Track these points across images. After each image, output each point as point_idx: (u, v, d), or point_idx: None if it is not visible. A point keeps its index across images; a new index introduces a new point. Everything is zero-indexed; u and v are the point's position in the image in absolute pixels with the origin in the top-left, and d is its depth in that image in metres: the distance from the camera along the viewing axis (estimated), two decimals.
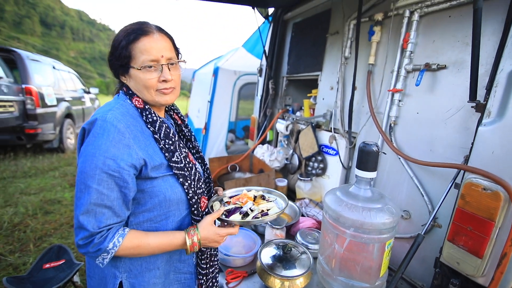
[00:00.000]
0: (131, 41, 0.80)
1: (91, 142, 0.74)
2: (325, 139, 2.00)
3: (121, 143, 0.75)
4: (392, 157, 1.50)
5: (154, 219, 0.86)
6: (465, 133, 1.17)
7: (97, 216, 0.73)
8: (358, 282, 1.12)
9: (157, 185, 0.83)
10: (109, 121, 0.75)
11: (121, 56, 0.81)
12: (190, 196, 0.89)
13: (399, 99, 1.44)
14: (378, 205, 1.07)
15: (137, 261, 0.86)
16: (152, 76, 0.82)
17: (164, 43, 0.84)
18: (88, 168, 0.72)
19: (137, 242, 0.79)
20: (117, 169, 0.74)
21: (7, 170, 4.47)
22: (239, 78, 4.63)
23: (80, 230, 0.73)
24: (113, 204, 0.75)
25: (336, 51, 1.94)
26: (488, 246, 0.94)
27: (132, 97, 0.86)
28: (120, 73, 0.87)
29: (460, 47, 1.21)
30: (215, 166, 2.38)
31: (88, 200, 0.72)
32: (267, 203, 1.07)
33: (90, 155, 0.73)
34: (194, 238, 0.86)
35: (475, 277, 0.99)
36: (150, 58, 0.80)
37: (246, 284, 1.25)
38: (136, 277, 0.87)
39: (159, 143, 0.84)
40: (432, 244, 1.29)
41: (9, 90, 4.51)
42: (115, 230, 0.77)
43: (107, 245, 0.74)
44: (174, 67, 0.87)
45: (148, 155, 0.80)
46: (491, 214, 0.93)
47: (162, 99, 0.86)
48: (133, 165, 0.77)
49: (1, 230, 2.81)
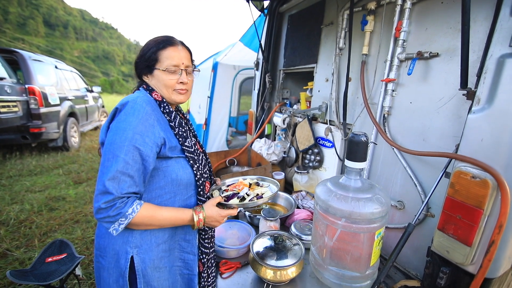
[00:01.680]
0: (160, 48, 0.99)
1: (122, 119, 0.88)
2: (321, 132, 2.00)
3: (147, 122, 0.89)
4: (386, 148, 1.49)
5: (164, 196, 0.98)
6: (458, 121, 1.16)
7: (120, 183, 0.84)
8: (349, 271, 1.13)
9: (171, 165, 0.97)
10: (139, 103, 0.90)
11: (150, 59, 1.00)
12: (198, 177, 1.03)
13: (393, 89, 1.42)
14: (367, 195, 1.07)
15: (147, 236, 0.97)
16: (173, 77, 1.01)
17: (185, 54, 1.04)
18: (119, 140, 0.85)
19: (152, 212, 0.90)
20: (143, 143, 0.87)
21: (13, 169, 4.57)
22: (239, 72, 4.62)
23: (105, 195, 0.82)
24: (135, 174, 0.86)
25: (331, 42, 1.92)
26: (477, 234, 0.94)
27: (152, 92, 1.02)
28: (144, 73, 1.04)
29: (452, 34, 1.18)
30: (213, 161, 2.39)
31: (116, 167, 0.83)
32: (261, 188, 1.22)
33: (121, 129, 0.86)
34: (200, 215, 0.99)
35: (464, 265, 0.99)
36: (173, 63, 1.00)
37: (240, 274, 1.27)
38: (146, 253, 0.97)
39: (174, 130, 1.00)
40: (426, 234, 1.29)
41: (12, 91, 4.58)
42: (133, 199, 0.87)
43: (127, 209, 0.84)
44: (189, 73, 1.07)
45: (166, 136, 0.95)
46: (479, 202, 0.92)
47: (177, 98, 1.05)
48: (155, 143, 0.90)
49: (8, 226, 2.89)
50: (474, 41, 1.08)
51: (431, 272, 1.12)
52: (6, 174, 4.32)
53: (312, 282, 1.22)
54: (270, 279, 1.13)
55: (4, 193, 3.66)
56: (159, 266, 1.00)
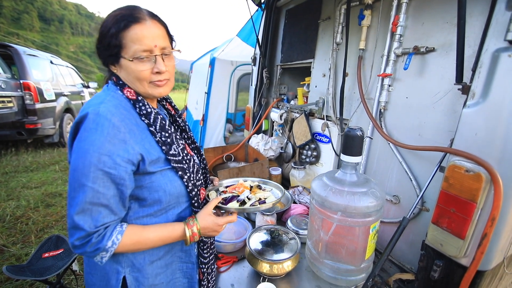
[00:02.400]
0: (121, 29, 0.74)
1: (83, 137, 0.70)
2: (318, 127, 2.00)
3: (116, 138, 0.71)
4: (382, 143, 1.49)
5: (154, 214, 0.84)
6: (453, 116, 1.16)
7: (93, 215, 0.70)
8: (344, 264, 1.14)
9: (156, 180, 0.81)
10: (103, 115, 0.70)
11: (111, 45, 0.76)
12: (190, 189, 0.88)
13: (389, 84, 1.43)
14: (363, 189, 1.08)
15: (139, 255, 0.85)
16: (145, 67, 0.78)
17: (158, 31, 0.79)
18: (82, 166, 0.68)
19: (137, 237, 0.77)
20: (113, 166, 0.70)
21: (9, 165, 4.53)
22: (236, 68, 4.59)
23: (76, 231, 0.70)
24: (109, 202, 0.72)
25: (328, 37, 1.91)
26: (470, 227, 0.95)
27: (123, 88, 0.81)
28: (109, 62, 0.82)
29: (449, 29, 1.18)
30: (211, 157, 2.39)
31: (83, 199, 0.69)
32: (264, 192, 1.09)
33: (83, 152, 0.69)
34: (193, 229, 0.85)
35: (457, 257, 1.00)
36: (143, 48, 0.76)
37: (236, 268, 1.27)
38: (140, 271, 0.85)
39: (155, 136, 0.81)
40: (420, 228, 1.31)
41: (7, 86, 4.53)
42: (112, 227, 0.74)
43: (106, 243, 0.72)
44: (168, 57, 0.83)
45: (145, 150, 0.77)
46: (473, 195, 0.93)
47: (155, 92, 0.82)
48: (130, 161, 0.73)
49: (4, 222, 2.88)
50: (470, 36, 1.08)
51: (425, 265, 1.14)
52: (1, 171, 4.29)
53: (308, 276, 1.23)
54: (266, 272, 1.14)
55: (0, 190, 3.63)
56: (154, 283, 0.89)
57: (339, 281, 1.16)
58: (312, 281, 1.20)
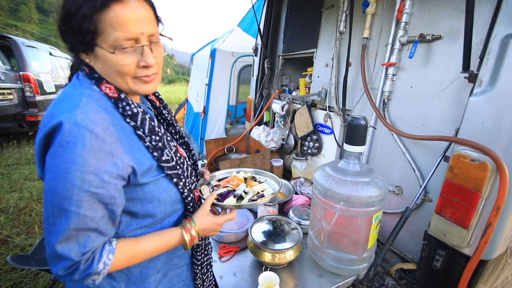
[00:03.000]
0: (97, 9, 0.57)
1: (60, 153, 0.56)
2: (320, 118, 1.98)
3: (101, 151, 0.58)
4: (386, 134, 1.48)
5: (149, 225, 0.76)
6: (458, 105, 1.14)
7: (79, 240, 0.59)
8: (346, 254, 1.14)
9: (149, 191, 0.70)
10: (82, 125, 0.56)
11: (82, 30, 0.59)
12: (186, 195, 0.79)
13: (393, 73, 1.40)
14: (366, 179, 1.07)
15: (135, 268, 0.77)
16: (129, 60, 0.63)
17: (144, 13, 0.62)
18: (62, 188, 0.56)
19: (131, 253, 0.68)
20: (101, 185, 0.59)
21: (11, 158, 4.55)
22: (237, 59, 4.54)
23: (59, 260, 0.59)
24: (98, 225, 0.61)
25: (331, 26, 1.87)
26: (474, 216, 0.94)
27: (100, 83, 0.65)
28: (80, 50, 0.64)
29: (456, 15, 1.15)
30: (212, 148, 2.38)
31: (67, 226, 0.57)
32: (260, 184, 1.04)
33: (62, 171, 0.56)
34: (192, 232, 0.77)
35: (460, 247, 1.00)
36: (127, 36, 0.60)
37: (238, 258, 1.28)
38: (136, 284, 0.78)
39: (144, 141, 0.69)
40: (423, 219, 1.30)
41: (6, 78, 4.51)
42: (101, 248, 0.64)
43: (97, 267, 0.62)
44: (157, 45, 0.68)
45: (135, 160, 0.65)
46: (478, 185, 0.92)
47: (141, 89, 0.68)
48: (120, 176, 0.62)
49: (8, 214, 2.91)
50: (478, 22, 1.05)
51: (427, 255, 1.14)
52: (4, 163, 4.31)
53: (310, 265, 1.24)
54: (268, 262, 1.14)
55: (3, 182, 3.66)
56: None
57: (341, 270, 1.16)
58: (314, 270, 1.20)
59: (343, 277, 1.17)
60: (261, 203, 0.92)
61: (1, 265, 2.19)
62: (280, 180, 1.07)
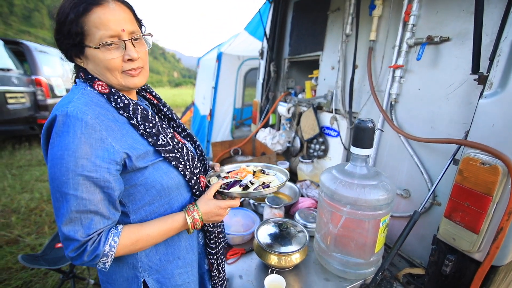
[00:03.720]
0: (81, 14, 0.66)
1: (56, 143, 0.64)
2: (326, 121, 1.98)
3: (92, 138, 0.65)
4: (393, 136, 1.46)
5: (157, 211, 0.79)
6: (467, 108, 1.13)
7: (84, 223, 0.65)
8: (353, 258, 1.13)
9: (150, 175, 0.75)
10: (72, 115, 0.63)
11: (71, 33, 0.67)
12: (188, 177, 0.82)
13: (401, 75, 1.39)
14: (373, 182, 1.06)
15: (154, 256, 0.81)
16: (114, 55, 0.70)
17: (124, 14, 0.71)
18: (59, 173, 0.63)
19: (135, 236, 0.73)
20: (94, 168, 0.64)
21: (23, 159, 4.66)
22: (243, 63, 4.57)
23: (68, 242, 0.65)
24: (98, 208, 0.67)
25: (337, 29, 1.87)
26: (485, 221, 0.92)
27: (93, 82, 0.73)
28: (73, 55, 0.73)
29: (464, 17, 1.14)
30: (218, 150, 2.40)
31: (68, 208, 0.64)
32: (268, 176, 1.02)
33: (58, 158, 0.63)
34: (194, 215, 0.80)
35: (470, 252, 0.98)
36: (109, 34, 0.68)
37: (244, 260, 1.28)
38: (158, 272, 0.82)
39: (138, 129, 0.74)
40: (431, 222, 1.28)
41: (19, 82, 4.63)
42: (107, 231, 0.70)
43: (103, 248, 0.67)
44: (139, 42, 0.75)
45: (128, 146, 0.70)
46: (489, 189, 0.90)
47: (130, 83, 0.75)
48: (113, 161, 0.67)
49: (19, 214, 2.97)
50: (487, 24, 1.04)
51: (436, 260, 1.12)
52: (16, 164, 4.41)
53: (316, 268, 1.23)
54: (274, 265, 1.14)
55: (15, 182, 3.74)
56: (177, 284, 0.85)
57: (348, 274, 1.15)
58: (320, 274, 1.19)
59: (349, 281, 1.15)
60: (266, 193, 0.90)
61: (12, 264, 2.24)
62: (288, 174, 1.03)
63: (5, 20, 21.54)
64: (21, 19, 24.64)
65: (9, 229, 2.68)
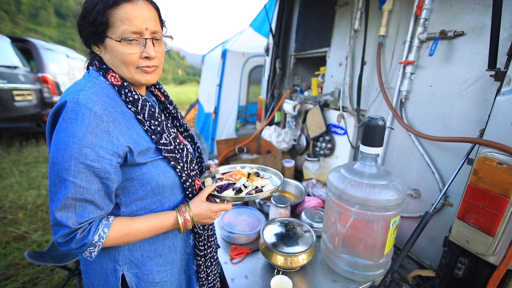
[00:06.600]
0: (110, 6, 0.68)
1: (62, 128, 0.64)
2: (333, 118, 1.94)
3: (98, 128, 0.66)
4: (403, 134, 1.42)
5: (148, 207, 0.80)
6: (483, 105, 1.08)
7: (77, 210, 0.67)
8: (362, 259, 1.10)
9: (147, 171, 0.76)
10: (82, 103, 0.64)
11: (96, 22, 0.69)
12: (184, 179, 0.83)
13: (411, 72, 1.35)
14: (383, 181, 1.03)
15: (136, 251, 0.82)
16: (134, 50, 0.72)
17: (150, 13, 0.73)
18: (62, 159, 0.64)
19: (125, 230, 0.73)
20: (96, 159, 0.66)
21: (30, 156, 4.71)
22: (248, 60, 4.53)
23: (59, 228, 0.66)
24: (94, 198, 0.68)
25: (345, 24, 1.83)
26: (501, 223, 0.88)
27: (107, 73, 0.74)
28: (92, 42, 0.75)
29: (480, 10, 1.09)
30: (223, 148, 2.38)
31: (65, 194, 0.64)
32: (262, 180, 1.02)
33: (62, 144, 0.64)
34: (186, 215, 0.81)
35: (485, 255, 0.94)
36: (132, 30, 0.70)
37: (250, 260, 1.26)
38: (138, 267, 0.83)
39: (143, 125, 0.76)
40: (443, 224, 1.25)
41: (26, 79, 4.67)
42: (98, 221, 0.71)
43: (92, 238, 0.68)
44: (159, 43, 0.77)
45: (132, 140, 0.72)
46: (506, 190, 0.86)
47: (143, 78, 0.76)
48: (115, 153, 0.68)
49: (26, 210, 3.00)
50: (505, 17, 0.99)
51: (448, 262, 1.08)
52: (23, 161, 4.46)
53: (323, 269, 1.20)
54: (280, 265, 1.12)
55: (22, 179, 3.79)
56: (155, 281, 0.85)
57: (356, 276, 1.12)
58: (327, 275, 1.17)
59: (358, 283, 1.13)
60: (258, 197, 0.91)
61: (19, 260, 2.26)
62: (282, 177, 1.03)
63: (12, 18, 21.78)
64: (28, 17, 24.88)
65: (16, 226, 2.71)
